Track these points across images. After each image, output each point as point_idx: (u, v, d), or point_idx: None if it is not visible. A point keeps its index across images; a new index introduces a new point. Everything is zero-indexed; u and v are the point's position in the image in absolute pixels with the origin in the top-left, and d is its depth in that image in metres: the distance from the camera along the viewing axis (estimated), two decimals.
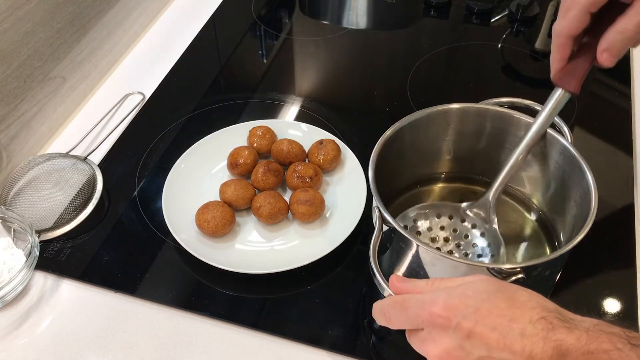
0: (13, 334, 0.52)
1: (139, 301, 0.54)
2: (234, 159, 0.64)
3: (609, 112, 0.73)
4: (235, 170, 0.63)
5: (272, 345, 0.51)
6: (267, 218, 0.58)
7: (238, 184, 0.61)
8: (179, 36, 0.84)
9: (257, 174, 0.62)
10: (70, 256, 0.58)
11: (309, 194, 0.59)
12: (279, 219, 0.59)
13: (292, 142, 0.65)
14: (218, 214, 0.57)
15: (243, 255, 0.58)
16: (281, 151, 0.64)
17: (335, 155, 0.63)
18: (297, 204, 0.59)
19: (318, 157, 0.63)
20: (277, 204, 0.59)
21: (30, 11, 0.63)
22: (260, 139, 0.66)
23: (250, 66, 0.82)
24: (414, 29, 0.88)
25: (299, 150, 0.64)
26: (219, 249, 0.58)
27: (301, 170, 0.62)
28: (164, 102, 0.75)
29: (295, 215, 0.59)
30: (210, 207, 0.58)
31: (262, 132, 0.66)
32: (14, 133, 0.65)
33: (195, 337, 0.52)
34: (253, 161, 0.64)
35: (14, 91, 0.63)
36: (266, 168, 0.62)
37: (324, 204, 0.60)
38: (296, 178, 0.61)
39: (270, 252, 0.58)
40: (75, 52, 0.72)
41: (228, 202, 0.60)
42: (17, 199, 0.62)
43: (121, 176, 0.66)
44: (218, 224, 0.57)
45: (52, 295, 0.55)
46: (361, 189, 0.61)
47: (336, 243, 0.56)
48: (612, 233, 0.59)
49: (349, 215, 0.59)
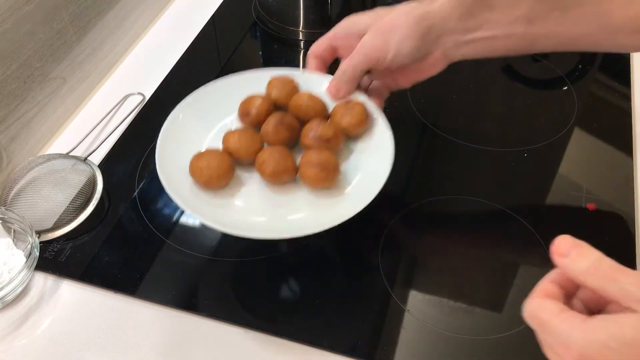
0: (13, 335, 0.52)
1: (139, 302, 0.54)
2: (246, 107, 0.58)
3: (609, 112, 0.73)
4: (246, 119, 0.57)
5: (272, 345, 0.51)
6: (271, 176, 0.53)
7: (244, 134, 0.55)
8: (179, 37, 0.84)
9: (267, 126, 0.55)
10: (70, 257, 0.58)
11: (323, 155, 0.52)
12: (284, 178, 0.53)
13: (314, 97, 0.58)
14: (214, 162, 0.52)
15: (238, 215, 0.52)
16: (299, 106, 0.57)
17: (361, 120, 0.56)
18: (307, 165, 0.52)
19: (341, 118, 0.56)
20: (283, 162, 0.52)
21: (30, 12, 0.63)
22: (279, 90, 0.58)
23: (250, 66, 0.82)
24: None
25: (320, 107, 0.57)
26: (212, 205, 0.53)
27: (318, 129, 0.54)
28: (164, 103, 0.75)
29: (303, 178, 0.53)
30: (206, 154, 0.53)
31: (283, 82, 0.59)
32: (14, 134, 0.65)
33: (195, 337, 0.52)
34: (266, 112, 0.57)
35: (14, 92, 0.63)
36: (279, 120, 0.55)
37: (338, 171, 0.53)
38: (312, 137, 0.54)
39: (271, 217, 0.53)
40: (76, 53, 0.72)
41: (230, 152, 0.54)
42: (17, 199, 0.62)
43: (121, 177, 0.66)
44: (213, 173, 0.51)
45: (52, 296, 0.55)
46: (384, 164, 0.53)
47: (342, 218, 0.49)
48: (612, 233, 0.59)
49: (363, 192, 0.52)
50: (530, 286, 0.49)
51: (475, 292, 0.55)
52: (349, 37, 0.56)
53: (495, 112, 0.74)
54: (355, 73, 0.56)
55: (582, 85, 0.76)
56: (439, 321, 0.52)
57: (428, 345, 0.51)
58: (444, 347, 0.51)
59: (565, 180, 0.64)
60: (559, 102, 0.74)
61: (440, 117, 0.73)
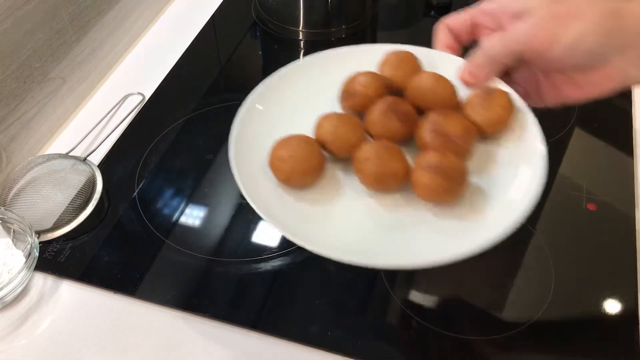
0: (12, 335, 0.52)
1: (139, 302, 0.54)
2: (350, 86, 0.46)
3: (609, 112, 0.73)
4: (348, 102, 0.46)
5: (272, 346, 0.51)
6: (373, 179, 0.41)
7: (343, 120, 0.44)
8: (178, 37, 0.84)
9: (374, 113, 0.43)
10: (70, 257, 0.58)
11: (447, 160, 0.40)
12: (389, 185, 0.41)
13: (442, 78, 0.45)
14: (300, 152, 0.41)
15: (331, 229, 0.41)
16: (421, 89, 0.44)
17: (503, 115, 0.43)
18: (424, 169, 0.40)
19: (476, 111, 0.43)
20: (390, 162, 0.40)
21: (29, 12, 0.63)
22: (395, 67, 0.46)
23: (250, 66, 0.82)
24: (414, 30, 0.88)
25: (449, 93, 0.45)
26: (297, 212, 0.41)
27: (444, 122, 0.41)
28: (163, 103, 0.75)
29: (415, 187, 0.40)
30: (290, 141, 0.42)
31: (401, 58, 0.47)
32: (14, 134, 0.65)
33: (195, 338, 0.52)
34: (376, 93, 0.45)
35: (13, 92, 0.63)
36: (390, 106, 0.43)
37: (465, 182, 0.40)
38: (432, 133, 0.41)
39: (374, 236, 0.41)
40: (75, 53, 0.72)
41: (322, 141, 0.43)
42: (16, 199, 0.62)
43: (121, 177, 0.65)
44: (297, 166, 0.40)
45: (51, 296, 0.55)
46: (531, 180, 0.40)
47: (474, 248, 0.38)
48: (612, 233, 0.59)
49: (500, 213, 0.40)
50: (530, 286, 0.49)
51: (475, 292, 0.55)
52: (501, 15, 0.44)
53: None
54: (502, 56, 0.43)
55: None
56: (438, 321, 0.52)
57: (428, 345, 0.51)
58: (443, 346, 0.51)
59: (565, 180, 0.64)
60: None
61: None
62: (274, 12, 0.86)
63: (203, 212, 0.62)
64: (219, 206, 0.62)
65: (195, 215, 0.62)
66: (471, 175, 0.42)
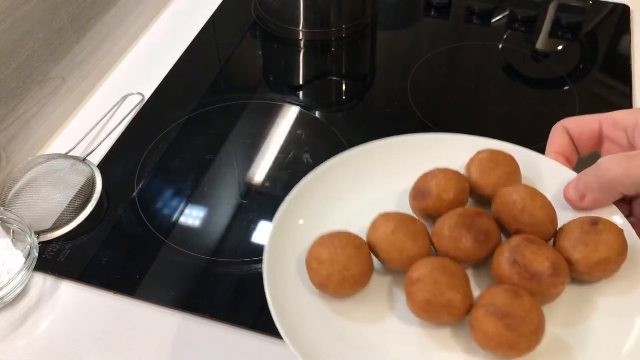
0: (12, 335, 0.52)
1: (138, 302, 0.54)
2: (424, 182, 0.38)
3: None
4: (417, 202, 0.38)
5: (272, 346, 0.51)
6: (419, 307, 0.34)
7: (405, 223, 0.36)
8: (178, 36, 0.84)
9: (444, 224, 0.36)
10: (70, 257, 0.58)
11: (519, 304, 0.31)
12: (442, 317, 0.33)
13: (540, 196, 0.36)
14: (342, 255, 0.34)
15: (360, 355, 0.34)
16: (510, 204, 0.36)
17: (609, 257, 0.33)
18: (486, 310, 0.32)
19: (574, 246, 0.34)
20: (447, 290, 0.32)
21: (29, 11, 0.63)
22: (485, 171, 0.38)
23: (250, 66, 0.82)
24: (414, 29, 0.88)
25: (546, 217, 0.35)
26: (330, 327, 0.35)
27: (530, 253, 0.33)
28: (163, 103, 0.75)
29: (471, 329, 0.33)
30: (335, 239, 0.35)
31: (495, 160, 0.39)
32: (13, 134, 0.65)
33: (195, 338, 0.52)
34: (454, 198, 0.37)
35: (13, 91, 0.63)
36: (466, 220, 0.35)
37: (539, 336, 0.31)
38: (511, 264, 0.33)
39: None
40: (75, 53, 0.72)
41: (373, 245, 0.36)
42: (16, 199, 0.62)
43: (120, 177, 0.65)
44: (334, 270, 0.34)
45: (51, 297, 0.55)
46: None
47: None
48: None
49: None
50: None
51: None
52: (636, 134, 0.38)
53: (496, 112, 0.74)
54: (620, 185, 0.35)
55: (584, 85, 0.76)
56: None
57: None
58: None
59: None
60: (560, 102, 0.74)
61: (440, 116, 0.73)
62: (273, 12, 0.86)
63: (203, 212, 0.62)
64: (218, 206, 0.62)
65: (195, 216, 0.61)
66: (552, 324, 0.33)
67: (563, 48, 0.82)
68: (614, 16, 0.86)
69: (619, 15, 0.86)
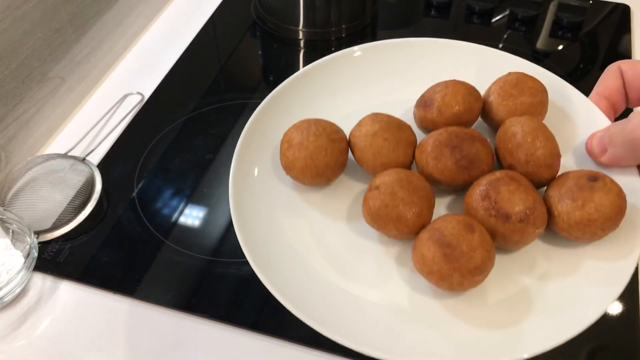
0: (11, 336, 0.52)
1: (138, 302, 0.54)
2: (431, 92, 0.35)
3: None
4: (419, 111, 0.36)
5: (272, 346, 0.51)
6: (370, 214, 0.33)
7: (391, 128, 0.33)
8: (178, 36, 0.84)
9: (429, 140, 0.33)
10: (69, 257, 0.58)
11: (467, 237, 0.29)
12: (389, 230, 0.32)
13: (548, 140, 0.32)
14: (312, 142, 0.32)
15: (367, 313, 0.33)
16: (511, 137, 0.32)
17: (595, 219, 0.30)
18: (429, 236, 0.30)
19: (561, 201, 0.30)
20: (401, 205, 0.31)
21: (28, 11, 0.63)
22: (505, 95, 0.34)
23: (250, 66, 0.82)
24: (414, 29, 0.88)
25: (544, 162, 0.32)
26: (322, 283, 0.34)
27: (508, 192, 0.30)
28: (163, 103, 0.75)
29: (412, 253, 0.32)
30: (312, 125, 0.33)
31: (522, 86, 0.34)
32: (13, 134, 0.65)
33: (195, 338, 0.52)
34: (458, 114, 0.34)
35: (12, 91, 0.63)
36: (451, 141, 0.32)
37: (478, 277, 0.29)
38: (482, 197, 0.30)
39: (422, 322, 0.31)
40: (74, 52, 0.72)
41: (353, 143, 0.35)
42: (15, 199, 0.62)
43: (120, 177, 0.65)
44: (300, 156, 0.33)
45: (50, 297, 0.55)
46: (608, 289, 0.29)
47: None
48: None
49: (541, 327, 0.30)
50: None
51: None
52: None
53: None
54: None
55: (584, 85, 0.76)
56: None
57: None
58: None
59: None
60: None
61: None
62: (273, 12, 0.85)
63: (202, 213, 0.62)
64: (218, 206, 0.62)
65: (195, 216, 0.61)
66: (528, 274, 0.30)
67: (563, 48, 0.82)
68: (614, 16, 0.86)
69: (619, 15, 0.86)
